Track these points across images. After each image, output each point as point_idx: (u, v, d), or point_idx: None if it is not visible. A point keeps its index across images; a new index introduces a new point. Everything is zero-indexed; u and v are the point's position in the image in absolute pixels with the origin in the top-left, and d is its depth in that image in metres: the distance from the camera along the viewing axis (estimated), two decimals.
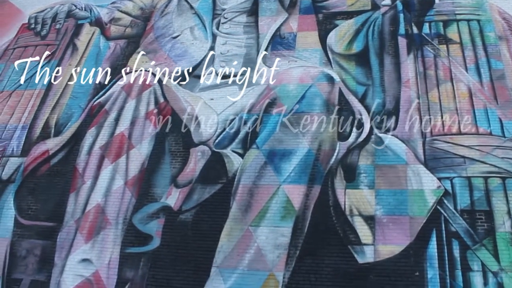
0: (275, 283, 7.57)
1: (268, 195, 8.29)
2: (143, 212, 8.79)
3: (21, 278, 8.76)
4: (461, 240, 7.39)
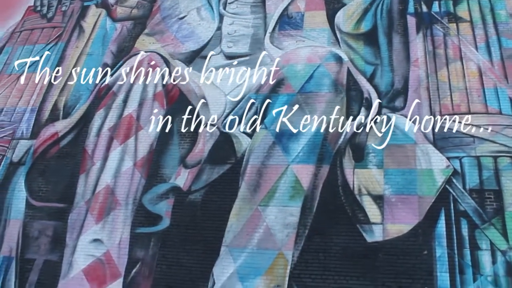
0: (284, 262, 7.64)
1: (277, 175, 8.32)
2: (152, 192, 8.87)
3: (34, 258, 8.90)
4: (469, 219, 7.40)
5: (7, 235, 9.24)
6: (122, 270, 8.27)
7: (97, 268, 8.40)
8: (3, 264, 8.96)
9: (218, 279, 7.78)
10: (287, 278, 7.50)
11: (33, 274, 8.72)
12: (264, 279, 7.57)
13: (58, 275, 8.54)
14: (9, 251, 9.06)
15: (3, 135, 10.42)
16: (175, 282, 7.96)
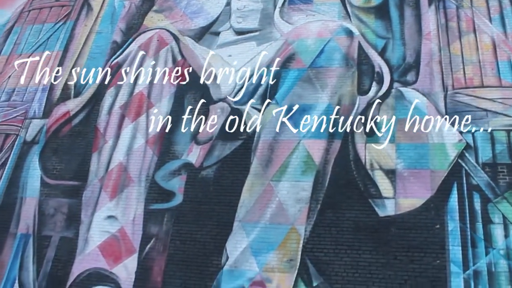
0: (296, 236, 7.71)
1: (289, 150, 8.33)
2: (165, 169, 8.94)
3: (50, 235, 9.06)
4: (482, 193, 7.38)
5: (24, 213, 9.40)
6: (136, 246, 8.41)
7: (112, 244, 8.55)
8: (21, 241, 9.14)
9: (232, 253, 7.88)
10: (300, 252, 7.58)
11: (50, 251, 8.89)
12: (277, 253, 7.66)
13: (74, 251, 8.71)
14: (26, 229, 9.23)
15: (15, 114, 10.51)
16: (189, 257, 8.08)
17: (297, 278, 7.43)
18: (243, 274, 7.67)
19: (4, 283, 8.84)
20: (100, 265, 8.44)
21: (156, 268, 8.16)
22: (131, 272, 8.22)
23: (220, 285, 7.69)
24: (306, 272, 7.44)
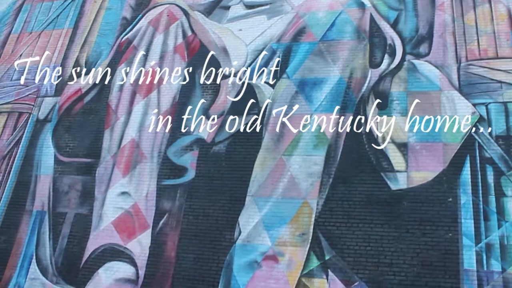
0: (309, 210, 7.74)
1: (300, 125, 8.33)
2: (177, 145, 8.97)
3: (65, 212, 9.20)
4: (495, 166, 7.32)
5: (39, 190, 9.54)
6: (150, 221, 8.52)
7: (126, 220, 8.66)
8: (37, 218, 9.29)
9: (244, 228, 7.95)
10: (312, 226, 7.63)
11: (65, 227, 9.03)
12: (289, 227, 7.71)
13: (89, 228, 8.85)
14: (41, 206, 9.38)
15: (28, 93, 10.58)
16: (202, 232, 8.17)
17: (309, 252, 7.49)
18: (256, 248, 7.74)
19: (22, 259, 9.02)
20: (114, 241, 8.57)
21: (169, 243, 8.27)
22: (145, 247, 8.34)
23: (233, 260, 7.78)
24: (318, 246, 7.50)
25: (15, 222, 9.41)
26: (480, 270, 6.81)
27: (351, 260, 7.27)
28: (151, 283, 8.06)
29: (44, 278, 8.75)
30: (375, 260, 7.18)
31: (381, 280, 7.03)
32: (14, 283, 8.88)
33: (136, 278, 8.17)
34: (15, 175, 9.86)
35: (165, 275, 8.05)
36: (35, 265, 8.90)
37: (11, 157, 10.05)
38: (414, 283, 6.91)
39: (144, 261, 8.24)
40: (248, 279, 7.58)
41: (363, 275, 7.14)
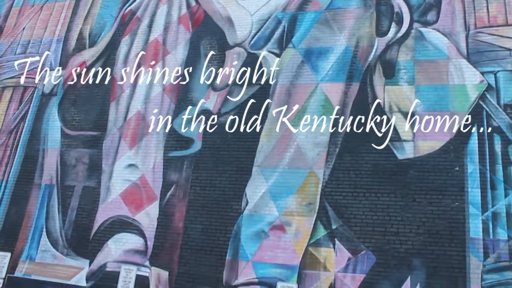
0: (315, 180, 7.76)
1: (306, 94, 8.27)
2: (183, 116, 8.97)
3: (73, 185, 9.28)
4: (503, 135, 7.27)
5: (46, 164, 9.60)
6: (157, 193, 8.58)
7: (134, 192, 8.73)
8: (45, 191, 9.39)
9: (251, 198, 8.00)
10: (319, 196, 7.66)
11: (74, 200, 9.12)
12: (296, 197, 7.75)
13: (97, 200, 8.94)
14: (49, 179, 9.46)
15: (33, 66, 10.55)
16: (209, 202, 8.23)
17: (316, 222, 7.55)
18: (263, 218, 7.81)
19: (33, 231, 9.15)
20: (122, 212, 8.67)
21: (177, 214, 8.34)
22: (153, 218, 8.43)
23: (240, 230, 7.85)
24: (325, 215, 7.54)
25: (25, 196, 9.51)
26: (486, 239, 6.84)
27: (358, 230, 7.32)
28: (159, 254, 8.18)
29: (54, 250, 8.89)
30: (382, 229, 7.22)
31: (388, 249, 7.09)
32: (26, 255, 9.03)
33: (145, 249, 8.29)
34: (22, 150, 9.92)
35: (174, 246, 8.16)
36: (46, 237, 9.04)
37: (18, 131, 10.10)
38: (420, 251, 6.97)
39: (153, 232, 8.35)
40: (256, 249, 7.66)
41: (370, 244, 7.20)
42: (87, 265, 8.56)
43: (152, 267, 8.12)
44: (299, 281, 7.27)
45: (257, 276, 7.52)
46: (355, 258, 7.19)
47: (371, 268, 7.07)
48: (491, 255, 6.75)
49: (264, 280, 7.46)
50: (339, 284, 7.12)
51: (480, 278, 6.68)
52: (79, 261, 8.66)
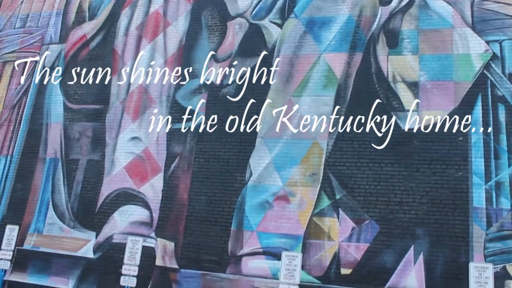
0: (319, 151, 7.77)
1: (309, 65, 8.21)
2: (185, 88, 8.93)
3: (78, 159, 9.33)
4: (507, 104, 7.23)
5: (50, 138, 9.64)
6: (162, 165, 8.63)
7: (138, 165, 8.78)
8: (50, 165, 9.45)
9: (255, 169, 8.03)
10: (323, 166, 7.69)
11: (79, 173, 9.19)
12: (299, 168, 7.78)
13: (102, 173, 9.01)
14: (54, 153, 9.51)
15: (32, 41, 10.47)
16: (213, 174, 8.28)
17: (320, 192, 7.59)
18: (267, 189, 7.86)
19: (39, 205, 9.26)
20: (127, 185, 8.74)
21: (182, 186, 8.40)
22: (157, 190, 8.50)
23: (244, 201, 7.91)
24: (329, 186, 7.58)
25: (30, 170, 9.59)
26: (489, 208, 6.89)
27: (362, 199, 7.36)
28: (165, 225, 8.28)
29: (61, 223, 9.01)
30: (385, 199, 7.27)
31: (391, 218, 7.15)
32: (33, 228, 9.16)
33: (150, 220, 8.38)
34: (26, 124, 9.95)
35: (179, 217, 8.25)
36: (52, 210, 9.15)
37: (21, 106, 10.10)
38: (424, 221, 7.02)
39: (158, 204, 8.43)
40: (260, 219, 7.74)
41: (374, 214, 7.25)
42: (93, 237, 8.69)
43: (158, 238, 8.23)
44: (303, 250, 7.35)
45: (262, 246, 7.62)
46: (359, 228, 7.25)
47: (375, 237, 7.15)
48: (494, 224, 6.80)
49: (268, 250, 7.56)
50: (343, 253, 7.21)
51: (483, 246, 6.73)
52: (86, 233, 8.78)
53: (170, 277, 7.94)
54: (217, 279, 7.65)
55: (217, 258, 7.78)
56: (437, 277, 6.73)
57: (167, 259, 8.07)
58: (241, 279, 7.54)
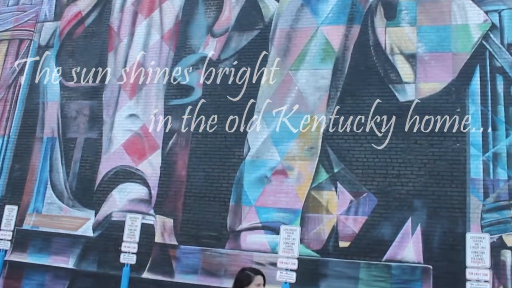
0: (317, 125, 7.75)
1: (307, 38, 8.14)
2: (182, 64, 8.87)
3: (75, 137, 9.29)
4: (506, 75, 7.20)
5: (47, 117, 9.59)
6: (159, 142, 8.60)
7: (136, 142, 8.76)
8: (48, 144, 9.41)
9: (253, 144, 8.02)
10: (320, 140, 7.68)
11: (77, 152, 9.17)
12: (297, 142, 7.77)
13: (100, 151, 8.98)
14: (51, 132, 9.46)
15: (27, 18, 10.34)
16: (211, 150, 8.26)
17: (318, 165, 7.60)
18: (265, 163, 7.86)
19: (38, 184, 9.25)
20: (125, 163, 8.73)
21: (180, 162, 8.40)
22: (156, 167, 8.50)
23: (243, 176, 7.92)
24: (327, 159, 7.58)
25: (27, 150, 9.55)
26: (486, 179, 6.91)
27: (360, 172, 7.38)
28: (163, 202, 8.30)
29: (60, 202, 9.02)
30: (383, 171, 7.28)
31: (389, 190, 7.17)
32: (32, 208, 9.16)
33: (149, 198, 8.39)
34: (22, 104, 9.88)
35: (177, 194, 8.26)
36: (51, 190, 9.15)
37: (17, 85, 10.02)
38: (421, 193, 7.05)
39: (156, 181, 8.43)
40: (259, 194, 7.76)
41: (371, 187, 7.27)
42: (92, 215, 8.71)
43: (157, 215, 8.26)
44: (302, 224, 7.39)
45: (261, 220, 7.65)
46: (357, 201, 7.28)
47: (373, 210, 7.19)
48: (491, 195, 6.84)
49: (267, 225, 7.60)
50: (341, 226, 7.25)
51: (480, 217, 6.78)
52: (85, 212, 8.79)
53: (170, 254, 7.98)
54: (216, 255, 7.70)
55: (216, 234, 7.82)
56: (434, 248, 6.80)
57: (166, 235, 8.10)
58: (240, 254, 7.59)
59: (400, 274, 6.79)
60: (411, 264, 6.78)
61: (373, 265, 6.93)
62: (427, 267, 6.72)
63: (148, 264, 8.02)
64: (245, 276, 3.37)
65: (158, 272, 7.94)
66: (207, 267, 7.69)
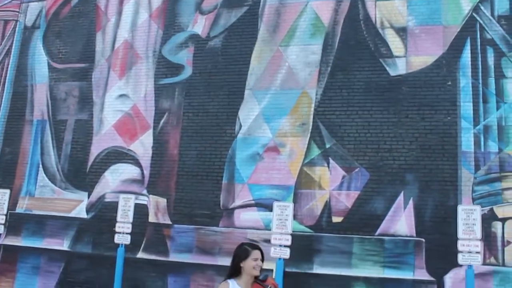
0: (308, 100, 7.73)
1: (296, 13, 8.05)
2: (171, 42, 8.76)
3: (65, 119, 9.21)
4: (496, 47, 7.18)
5: (36, 99, 9.49)
6: (150, 121, 8.56)
7: (127, 122, 8.71)
8: (38, 127, 9.33)
9: (244, 122, 8.00)
10: (312, 116, 7.66)
11: (68, 134, 9.10)
12: (289, 118, 7.75)
13: (91, 133, 8.93)
14: (41, 115, 9.38)
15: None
16: (202, 128, 8.23)
17: (310, 141, 7.60)
18: (257, 141, 7.85)
19: (29, 168, 9.20)
20: (117, 143, 8.69)
21: (172, 141, 8.37)
22: (147, 147, 8.47)
23: (235, 153, 7.92)
24: (318, 135, 7.58)
25: (17, 133, 9.48)
26: (478, 152, 6.95)
27: (352, 147, 7.39)
28: (156, 182, 8.29)
29: (53, 184, 8.99)
30: (375, 146, 7.29)
31: (381, 165, 7.20)
32: (25, 191, 9.13)
33: (141, 178, 8.38)
34: (10, 86, 9.77)
35: (170, 173, 8.25)
36: (43, 173, 9.11)
37: (4, 68, 9.89)
38: (413, 166, 7.08)
39: (148, 161, 8.41)
40: (251, 171, 7.77)
41: (363, 161, 7.30)
42: (86, 197, 8.69)
43: (150, 195, 8.26)
44: (295, 200, 7.42)
45: (254, 198, 7.68)
46: (349, 176, 7.31)
47: (365, 184, 7.22)
48: (482, 168, 6.88)
49: (260, 202, 7.63)
50: (334, 201, 7.29)
51: (471, 190, 6.83)
52: (78, 194, 8.77)
53: (164, 233, 8.01)
54: (210, 233, 7.73)
55: (210, 212, 7.84)
56: (426, 221, 6.87)
57: (160, 215, 8.12)
58: (234, 231, 7.62)
59: (393, 248, 6.86)
60: (404, 238, 6.85)
61: (366, 239, 6.99)
62: (420, 240, 6.79)
63: (143, 244, 8.05)
64: (242, 250, 3.38)
65: (153, 251, 7.97)
66: (201, 246, 7.73)
